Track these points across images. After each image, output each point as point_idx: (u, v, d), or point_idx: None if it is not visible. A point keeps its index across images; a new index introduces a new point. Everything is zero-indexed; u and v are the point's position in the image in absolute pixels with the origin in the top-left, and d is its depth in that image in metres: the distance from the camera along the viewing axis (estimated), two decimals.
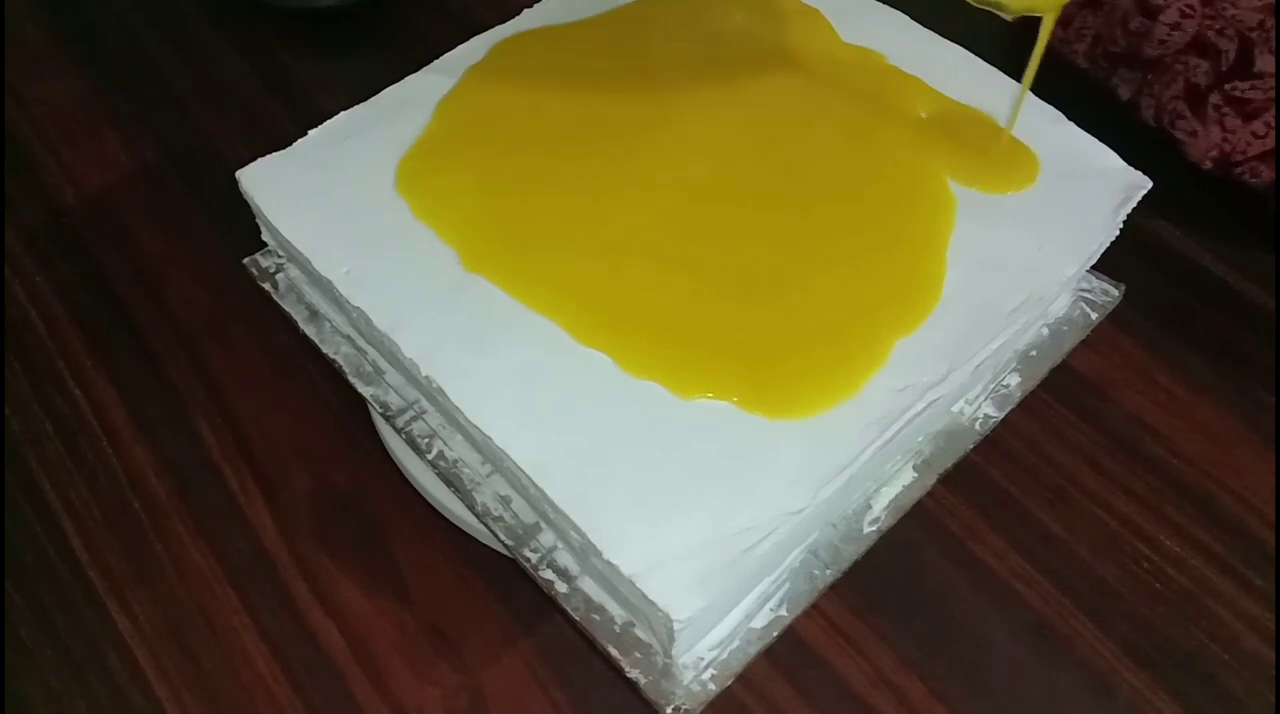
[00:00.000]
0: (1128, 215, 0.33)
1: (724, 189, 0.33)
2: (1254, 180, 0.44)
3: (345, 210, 0.32)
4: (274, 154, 0.34)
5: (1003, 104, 0.35)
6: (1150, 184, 0.33)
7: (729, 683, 0.28)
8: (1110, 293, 0.36)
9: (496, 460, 0.29)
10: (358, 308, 0.30)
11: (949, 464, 0.32)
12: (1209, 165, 0.45)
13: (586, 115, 0.35)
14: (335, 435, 0.38)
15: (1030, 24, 0.34)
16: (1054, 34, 0.51)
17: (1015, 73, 0.36)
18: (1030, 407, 0.35)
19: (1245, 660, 0.34)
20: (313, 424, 0.38)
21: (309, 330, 0.34)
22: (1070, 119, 0.35)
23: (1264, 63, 0.41)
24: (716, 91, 0.36)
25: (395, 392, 0.33)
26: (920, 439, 0.32)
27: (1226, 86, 0.42)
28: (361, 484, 0.37)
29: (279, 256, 0.36)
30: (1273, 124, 0.41)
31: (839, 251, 0.32)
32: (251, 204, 0.33)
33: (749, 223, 0.32)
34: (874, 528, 0.31)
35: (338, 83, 0.49)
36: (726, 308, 0.30)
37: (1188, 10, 0.42)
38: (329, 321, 0.34)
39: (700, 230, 0.32)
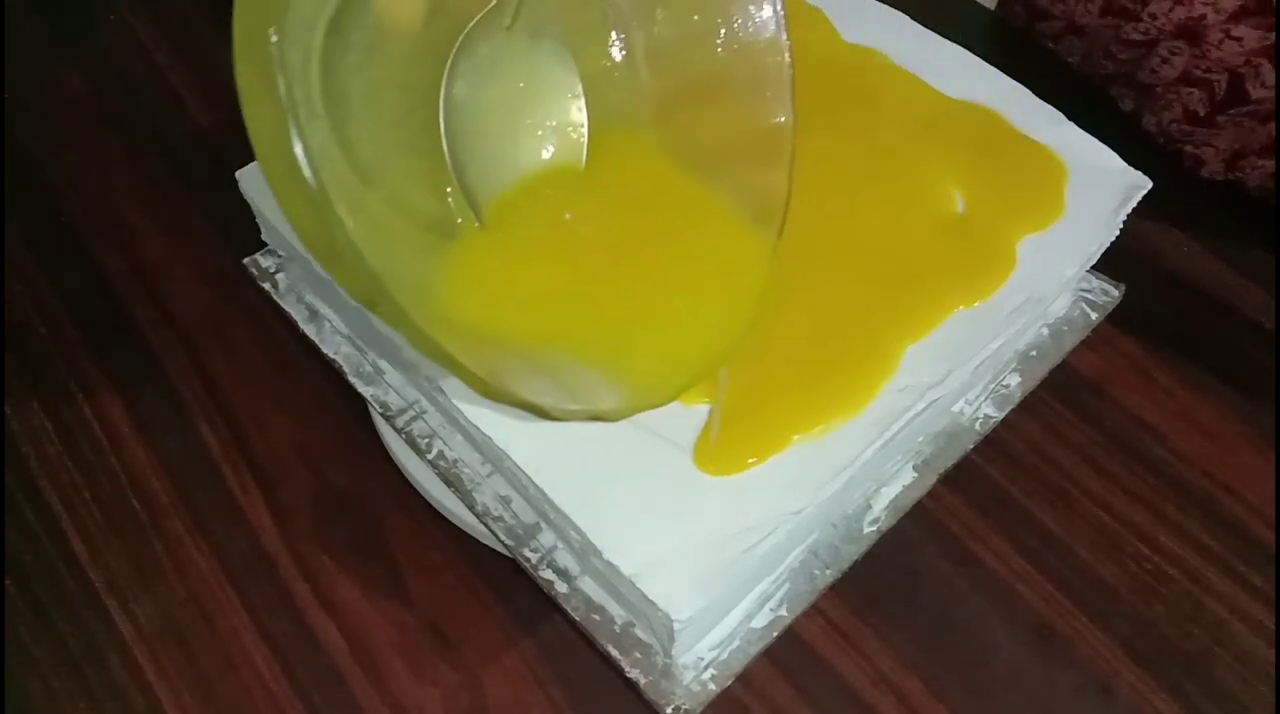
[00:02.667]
0: (1128, 215, 0.33)
1: None
2: (1254, 172, 0.44)
3: None
4: None
5: (1002, 103, 0.35)
6: (1150, 184, 0.33)
7: (729, 683, 0.28)
8: (1110, 293, 0.36)
9: (496, 460, 0.29)
10: (357, 307, 0.30)
11: (949, 464, 0.32)
12: (1219, 170, 0.45)
13: None
14: (335, 435, 0.38)
15: (1023, 28, 0.34)
16: (1051, 42, 0.51)
17: (1010, 71, 0.36)
18: (1030, 407, 0.35)
19: (1245, 660, 0.34)
20: (313, 424, 0.38)
21: (309, 330, 0.34)
22: (1070, 119, 0.35)
23: (1258, 93, 0.41)
24: None
25: (395, 392, 0.33)
26: (920, 439, 0.32)
27: (1231, 111, 0.42)
28: (361, 484, 0.37)
29: (279, 256, 0.36)
30: None
31: (841, 254, 0.31)
32: (251, 204, 0.33)
33: None
34: (874, 528, 0.31)
35: None
36: None
37: (1175, 49, 0.42)
38: (329, 322, 0.34)
39: None
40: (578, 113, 0.29)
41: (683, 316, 0.28)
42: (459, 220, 0.28)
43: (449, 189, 0.27)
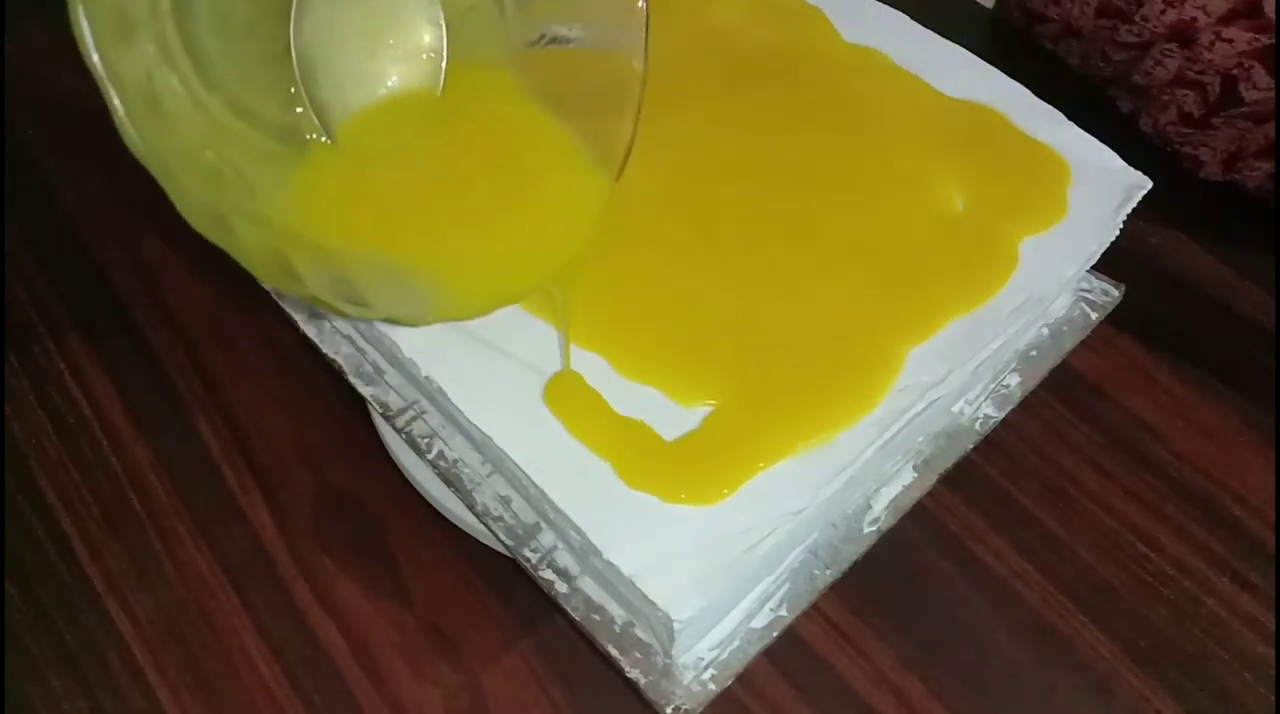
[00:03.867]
0: (1128, 215, 0.33)
1: (724, 191, 0.33)
2: (1252, 174, 0.44)
3: None
4: None
5: (1003, 103, 0.35)
6: (1150, 184, 0.33)
7: (729, 683, 0.28)
8: (1110, 293, 0.36)
9: (496, 460, 0.29)
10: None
11: (949, 464, 0.32)
12: (1217, 172, 0.45)
13: None
14: (335, 435, 0.38)
15: (1022, 29, 0.34)
16: (1050, 43, 0.51)
17: (1009, 72, 0.36)
18: (1030, 407, 0.35)
19: (1245, 660, 0.34)
20: (313, 424, 0.38)
21: (309, 330, 0.34)
22: (1071, 120, 0.35)
23: (1251, 94, 0.41)
24: (716, 91, 0.36)
25: (395, 392, 0.33)
26: (920, 439, 0.32)
27: (1225, 113, 0.42)
28: (361, 484, 0.37)
29: None
30: None
31: (842, 256, 0.31)
32: None
33: (751, 226, 0.32)
34: (874, 528, 0.31)
35: None
36: (728, 315, 0.30)
37: (1168, 51, 0.43)
38: (329, 321, 0.34)
39: (700, 234, 0.32)
40: (437, 40, 0.30)
41: (504, 238, 0.29)
42: (308, 135, 0.28)
43: (299, 107, 0.28)
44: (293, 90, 0.28)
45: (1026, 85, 0.36)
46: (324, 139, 0.29)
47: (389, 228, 0.28)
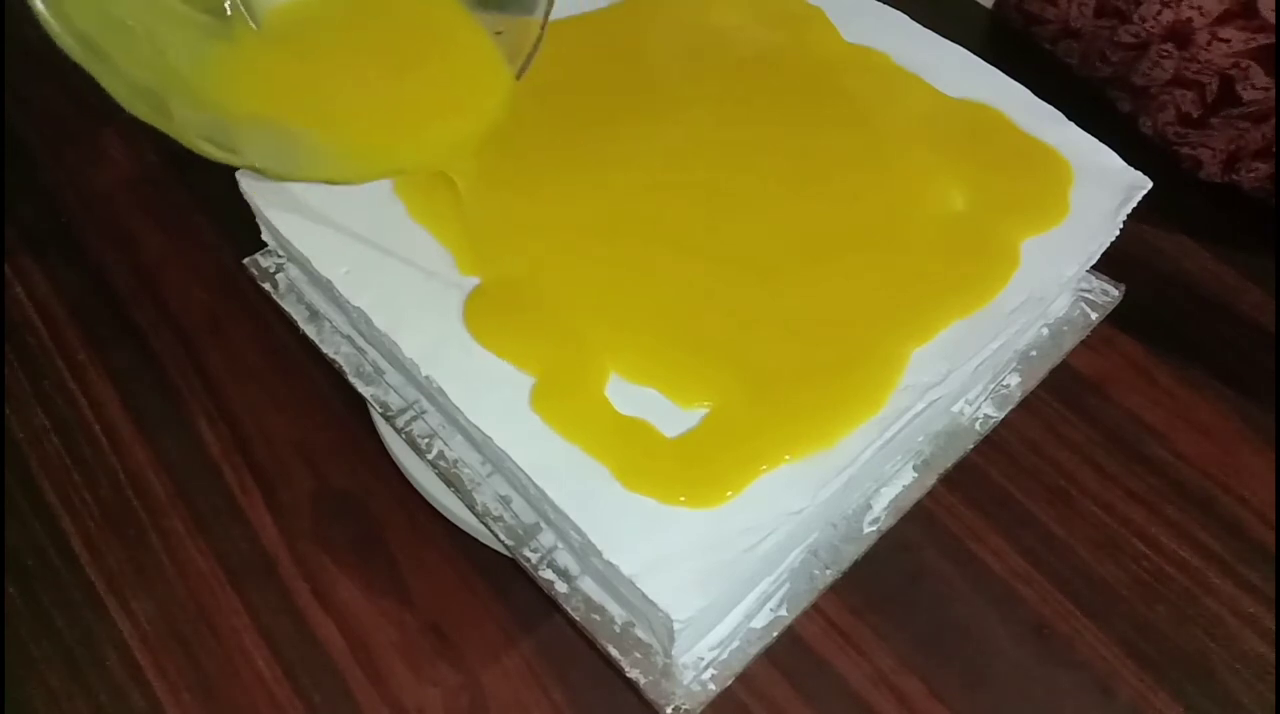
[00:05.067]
0: (1128, 215, 0.33)
1: (725, 192, 0.33)
2: (1251, 175, 0.44)
3: (345, 210, 0.32)
4: None
5: (1003, 103, 0.35)
6: (1150, 184, 0.33)
7: (729, 683, 0.28)
8: (1110, 293, 0.36)
9: (496, 460, 0.29)
10: (358, 308, 0.30)
11: (949, 464, 0.32)
12: (1216, 173, 0.45)
13: (584, 117, 0.35)
14: (335, 435, 0.38)
15: (1021, 30, 0.34)
16: (1048, 44, 0.51)
17: (1009, 72, 0.36)
18: (1030, 407, 0.35)
19: (1245, 660, 0.34)
20: (313, 424, 0.38)
21: (309, 330, 0.34)
22: (1071, 120, 0.35)
23: (1249, 94, 0.41)
24: (717, 91, 0.36)
25: (395, 391, 0.33)
26: (920, 439, 0.32)
27: (1223, 112, 0.43)
28: (361, 484, 0.37)
29: (279, 256, 0.36)
30: None
31: (843, 256, 0.31)
32: (251, 204, 0.33)
33: (751, 227, 0.32)
34: (874, 528, 0.31)
35: None
36: (728, 316, 0.30)
37: (1165, 52, 0.43)
38: (329, 321, 0.34)
39: (701, 235, 0.32)
40: None
41: (389, 109, 0.30)
42: (228, 11, 0.29)
43: None
44: None
45: (1026, 85, 0.36)
46: (251, 24, 0.30)
47: (281, 89, 0.29)
